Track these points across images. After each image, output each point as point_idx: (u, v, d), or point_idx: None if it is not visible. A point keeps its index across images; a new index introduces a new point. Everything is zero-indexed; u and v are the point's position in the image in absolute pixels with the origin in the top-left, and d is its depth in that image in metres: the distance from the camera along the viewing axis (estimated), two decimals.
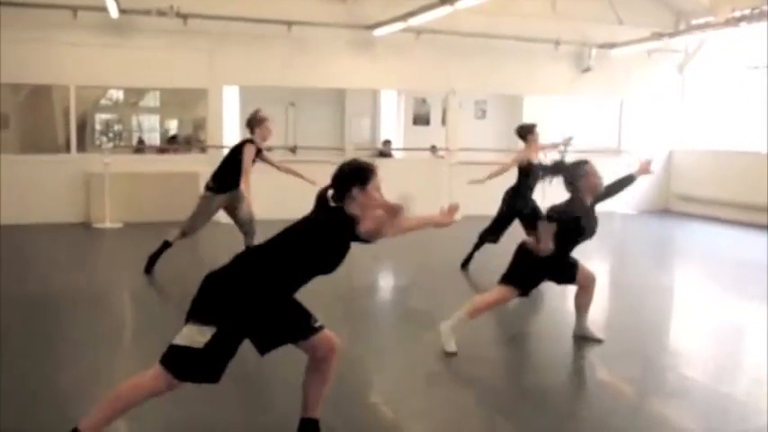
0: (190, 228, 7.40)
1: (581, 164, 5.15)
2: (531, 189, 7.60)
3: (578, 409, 4.18)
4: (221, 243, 9.95)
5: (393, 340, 5.57)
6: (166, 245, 7.33)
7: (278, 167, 7.78)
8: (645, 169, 5.63)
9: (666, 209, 13.95)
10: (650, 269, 8.88)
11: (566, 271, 5.16)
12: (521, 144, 8.13)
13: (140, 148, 15.39)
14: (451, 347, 4.84)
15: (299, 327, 3.28)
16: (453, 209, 3.62)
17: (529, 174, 7.50)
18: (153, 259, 7.30)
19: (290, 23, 11.05)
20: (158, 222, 10.45)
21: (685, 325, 6.34)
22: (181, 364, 3.03)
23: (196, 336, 3.00)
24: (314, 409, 3.39)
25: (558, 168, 5.23)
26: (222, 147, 11.72)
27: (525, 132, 7.88)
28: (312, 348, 3.31)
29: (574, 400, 4.32)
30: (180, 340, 3.03)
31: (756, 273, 8.17)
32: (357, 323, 5.91)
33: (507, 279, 5.01)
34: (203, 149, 11.91)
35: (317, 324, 3.32)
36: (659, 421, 4.01)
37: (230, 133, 12.25)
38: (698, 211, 13.27)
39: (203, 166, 11.29)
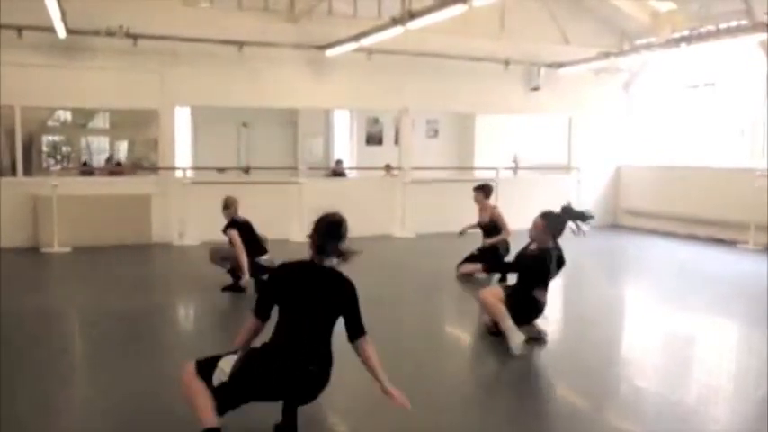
0: None
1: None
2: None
3: (534, 423, 4.22)
4: (160, 263, 9.89)
5: None
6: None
7: None
8: None
9: (615, 224, 14.27)
10: (601, 283, 9.07)
11: None
12: (470, 161, 8.29)
13: (88, 170, 15.10)
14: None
15: None
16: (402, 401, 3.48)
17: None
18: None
19: (241, 44, 11.04)
20: (109, 246, 10.30)
21: (637, 336, 6.47)
22: None
23: None
24: None
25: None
26: (174, 168, 11.62)
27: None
28: None
29: (529, 415, 4.36)
30: None
31: (702, 284, 8.42)
32: None
33: None
34: (155, 171, 11.74)
35: None
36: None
37: (182, 155, 12.15)
38: (645, 225, 13.61)
39: (155, 188, 11.19)
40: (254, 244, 7.49)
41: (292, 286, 3.58)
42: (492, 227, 8.70)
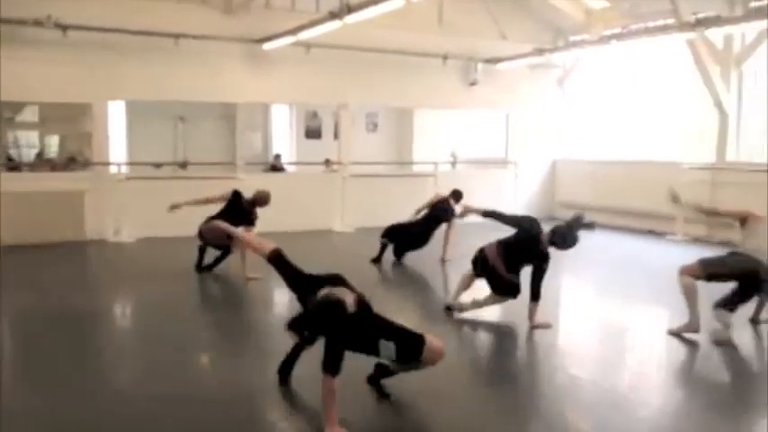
0: None
1: None
2: None
3: (468, 412, 4.29)
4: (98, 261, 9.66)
5: None
6: None
7: None
8: None
9: (551, 216, 14.55)
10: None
11: None
12: (408, 156, 8.41)
13: (14, 165, 14.57)
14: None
15: None
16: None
17: None
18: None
19: (176, 36, 10.84)
20: (40, 244, 9.99)
21: (572, 326, 6.64)
22: None
23: None
24: None
25: None
26: (109, 164, 11.34)
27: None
28: None
29: (466, 404, 4.43)
30: None
31: (635, 275, 8.68)
32: None
33: None
34: (88, 167, 11.42)
35: None
36: (550, 420, 4.18)
37: (117, 149, 11.85)
38: None
39: (89, 184, 10.89)
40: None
41: None
42: None
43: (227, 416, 4.03)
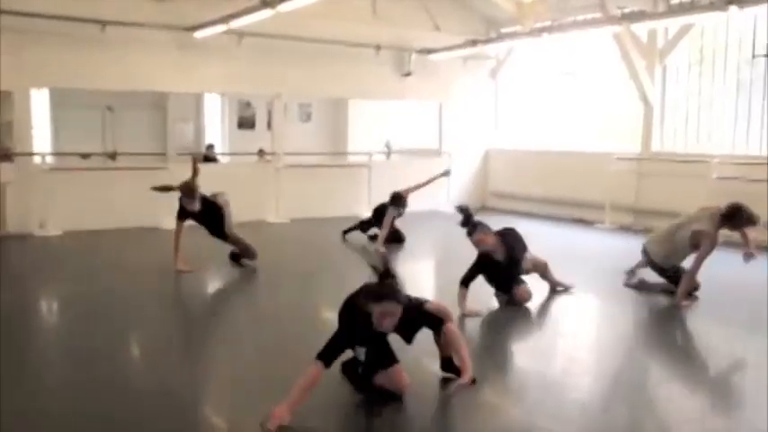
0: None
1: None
2: None
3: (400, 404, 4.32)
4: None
5: None
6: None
7: None
8: None
9: (484, 206, 14.78)
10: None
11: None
12: (343, 146, 8.43)
13: None
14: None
15: None
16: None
17: None
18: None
19: (103, 23, 10.51)
20: None
21: (504, 314, 6.74)
22: None
23: None
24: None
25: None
26: (32, 154, 10.94)
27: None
28: None
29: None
30: None
31: (567, 263, 8.86)
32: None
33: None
34: (8, 158, 10.98)
35: None
36: (482, 408, 4.26)
37: (40, 140, 11.44)
38: (511, 206, 14.18)
39: (11, 176, 10.49)
40: None
41: None
42: None
43: (154, 411, 3.96)
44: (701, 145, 11.52)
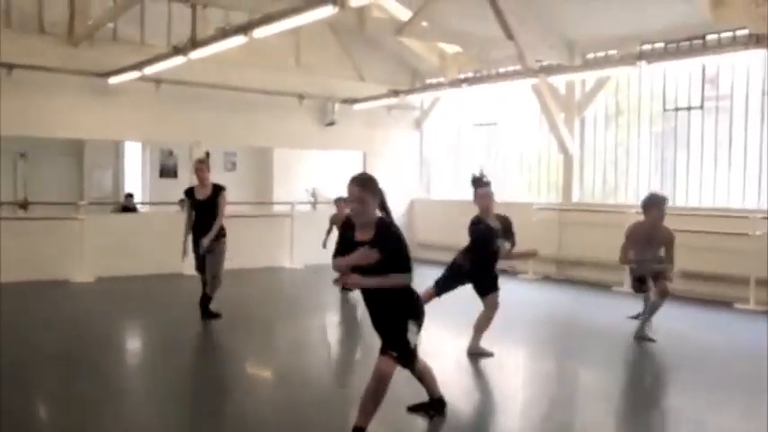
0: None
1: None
2: None
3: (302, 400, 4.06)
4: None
5: None
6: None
7: None
8: None
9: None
10: None
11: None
12: (268, 195, 8.22)
13: None
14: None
15: None
16: None
17: None
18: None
19: (10, 66, 10.10)
20: None
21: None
22: None
23: None
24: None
25: None
26: None
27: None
28: None
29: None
30: None
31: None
32: None
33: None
34: None
35: None
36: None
37: None
38: (438, 257, 14.03)
39: None
40: None
41: None
42: None
43: None
44: (620, 194, 11.74)
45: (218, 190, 7.87)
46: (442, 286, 6.67)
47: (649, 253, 7.09)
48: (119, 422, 4.77)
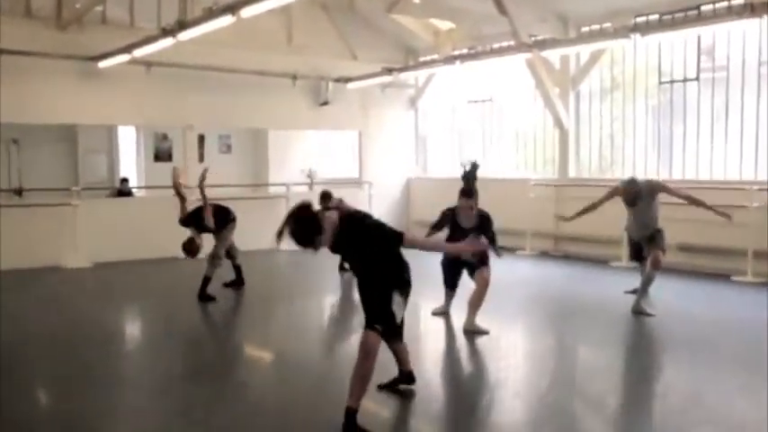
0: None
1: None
2: None
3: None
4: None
5: None
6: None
7: None
8: None
9: None
10: None
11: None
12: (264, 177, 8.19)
13: None
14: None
15: None
16: None
17: None
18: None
19: None
20: None
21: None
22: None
23: None
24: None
25: None
26: None
27: None
28: None
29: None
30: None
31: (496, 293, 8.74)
32: None
33: None
34: None
35: None
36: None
37: None
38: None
39: None
40: None
41: None
42: None
43: None
44: (616, 168, 11.66)
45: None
46: (448, 282, 7.10)
47: (639, 218, 7.27)
48: (113, 406, 4.75)
